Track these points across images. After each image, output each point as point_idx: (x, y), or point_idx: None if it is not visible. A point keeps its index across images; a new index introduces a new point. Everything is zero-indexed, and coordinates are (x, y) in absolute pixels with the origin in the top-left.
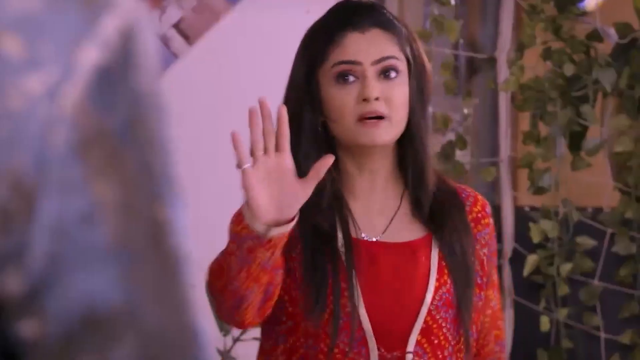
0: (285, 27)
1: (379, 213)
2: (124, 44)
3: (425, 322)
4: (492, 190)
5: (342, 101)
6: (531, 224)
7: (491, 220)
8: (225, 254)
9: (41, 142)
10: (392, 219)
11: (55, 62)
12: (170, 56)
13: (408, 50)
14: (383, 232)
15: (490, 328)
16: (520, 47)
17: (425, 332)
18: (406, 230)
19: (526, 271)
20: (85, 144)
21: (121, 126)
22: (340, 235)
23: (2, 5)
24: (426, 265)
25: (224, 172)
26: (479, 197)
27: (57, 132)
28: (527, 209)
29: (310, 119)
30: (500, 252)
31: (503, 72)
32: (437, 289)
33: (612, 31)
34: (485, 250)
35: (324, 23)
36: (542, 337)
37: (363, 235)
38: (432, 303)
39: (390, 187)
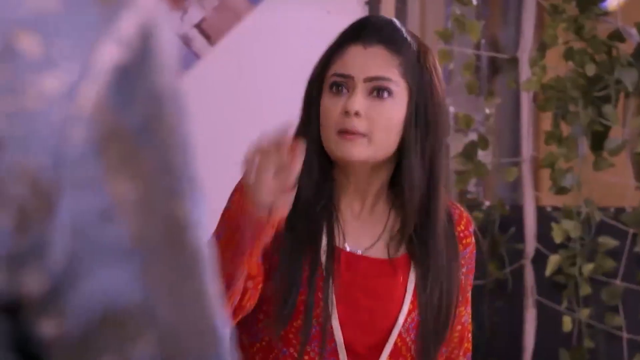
0: (307, 28)
1: (368, 228)
2: (143, 42)
3: (395, 343)
4: (514, 190)
5: (329, 111)
6: (553, 224)
7: (473, 240)
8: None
9: (59, 141)
10: (379, 236)
11: (73, 61)
12: (191, 56)
13: (413, 75)
14: (367, 248)
15: (459, 342)
16: (542, 47)
17: (394, 354)
18: (391, 248)
19: (548, 271)
20: (104, 142)
21: (139, 124)
22: (324, 242)
23: (20, 4)
24: (403, 286)
25: (242, 171)
26: (465, 214)
27: (76, 131)
28: (549, 209)
29: (312, 127)
30: (522, 252)
31: (525, 72)
32: (410, 312)
33: (633, 31)
34: (464, 269)
35: (340, 34)
36: (564, 337)
37: (347, 246)
38: (403, 325)
39: (380, 205)
